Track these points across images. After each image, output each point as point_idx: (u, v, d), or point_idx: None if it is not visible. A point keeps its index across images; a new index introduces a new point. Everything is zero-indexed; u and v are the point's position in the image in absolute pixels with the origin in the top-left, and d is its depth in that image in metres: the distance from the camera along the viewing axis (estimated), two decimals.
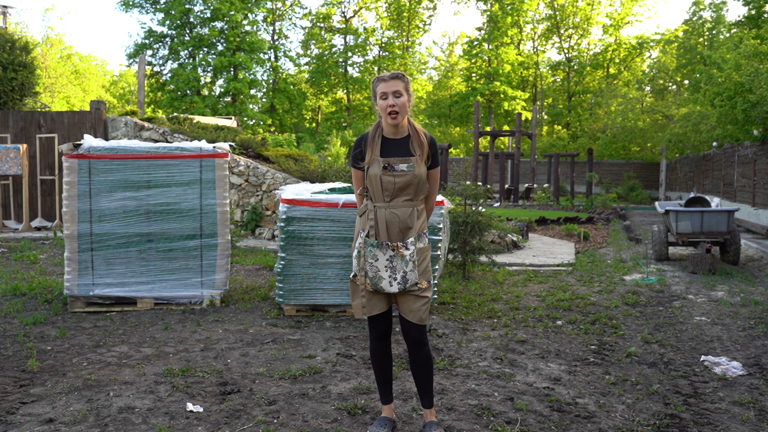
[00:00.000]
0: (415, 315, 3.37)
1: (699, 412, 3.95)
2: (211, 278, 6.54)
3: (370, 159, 3.35)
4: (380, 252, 3.33)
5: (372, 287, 3.36)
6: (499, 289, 7.74)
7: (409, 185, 3.33)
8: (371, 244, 3.34)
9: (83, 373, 4.39)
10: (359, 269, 3.39)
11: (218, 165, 6.52)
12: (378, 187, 3.34)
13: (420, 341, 3.41)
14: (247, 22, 37.80)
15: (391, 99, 3.28)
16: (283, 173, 11.89)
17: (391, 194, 3.34)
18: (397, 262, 3.32)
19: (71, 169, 6.23)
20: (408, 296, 3.37)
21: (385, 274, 3.33)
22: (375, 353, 3.54)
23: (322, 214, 6.07)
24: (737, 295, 7.63)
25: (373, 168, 3.34)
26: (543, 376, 4.54)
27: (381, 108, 3.33)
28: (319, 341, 5.30)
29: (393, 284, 3.32)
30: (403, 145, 3.38)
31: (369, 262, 3.34)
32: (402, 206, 3.35)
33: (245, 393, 4.07)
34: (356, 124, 40.69)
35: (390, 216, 3.33)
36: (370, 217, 3.38)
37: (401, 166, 3.32)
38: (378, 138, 3.40)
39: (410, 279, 3.32)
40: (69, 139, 13.47)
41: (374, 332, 3.50)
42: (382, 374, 3.56)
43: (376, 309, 3.41)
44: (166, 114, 20.79)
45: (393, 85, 3.29)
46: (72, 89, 38.44)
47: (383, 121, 3.39)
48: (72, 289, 6.26)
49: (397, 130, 3.38)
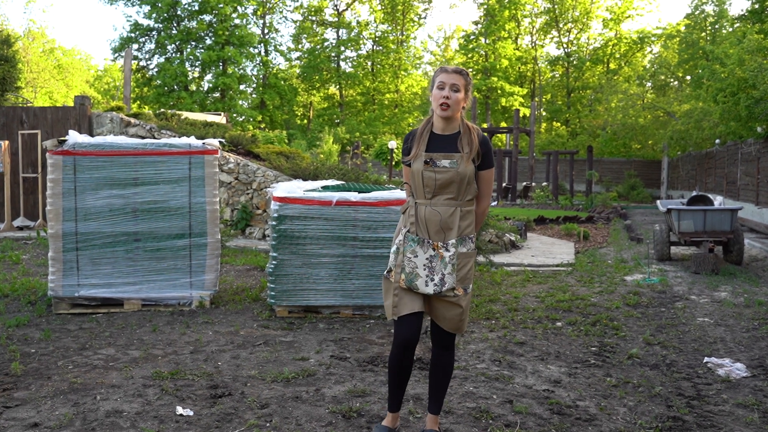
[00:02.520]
0: (448, 323, 3.31)
1: (702, 414, 3.98)
2: (200, 279, 6.54)
3: (416, 153, 3.30)
4: (420, 249, 3.26)
5: (407, 284, 3.26)
6: (497, 289, 7.76)
7: (451, 183, 3.24)
8: (412, 239, 3.28)
9: (69, 376, 4.38)
10: (395, 265, 3.31)
11: (208, 162, 6.52)
12: (419, 183, 3.28)
13: (447, 346, 3.39)
14: (236, 15, 37.76)
15: (447, 90, 3.22)
16: (274, 171, 11.89)
17: (432, 191, 3.27)
18: (436, 263, 3.24)
19: (55, 166, 6.21)
20: (442, 302, 3.28)
21: (423, 273, 3.25)
22: (395, 361, 3.34)
23: (315, 212, 6.08)
24: (741, 295, 7.68)
25: (416, 163, 3.29)
26: (543, 379, 4.56)
27: (434, 98, 3.26)
28: (313, 343, 5.31)
29: (429, 285, 3.24)
30: (451, 142, 3.30)
31: (407, 257, 3.27)
32: (444, 204, 3.26)
33: (237, 396, 4.07)
34: (349, 121, 40.74)
35: (430, 213, 3.26)
36: (410, 214, 3.32)
37: (443, 162, 3.24)
38: (426, 133, 3.34)
39: (448, 282, 3.23)
40: (52, 136, 13.41)
41: (399, 336, 3.29)
42: (399, 382, 3.40)
43: (406, 308, 3.26)
44: (152, 110, 20.74)
45: (454, 78, 3.24)
46: (55, 84, 38.31)
47: (434, 115, 3.33)
48: (56, 290, 6.24)
49: (447, 125, 3.31)
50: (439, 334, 3.37)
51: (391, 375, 3.41)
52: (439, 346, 3.40)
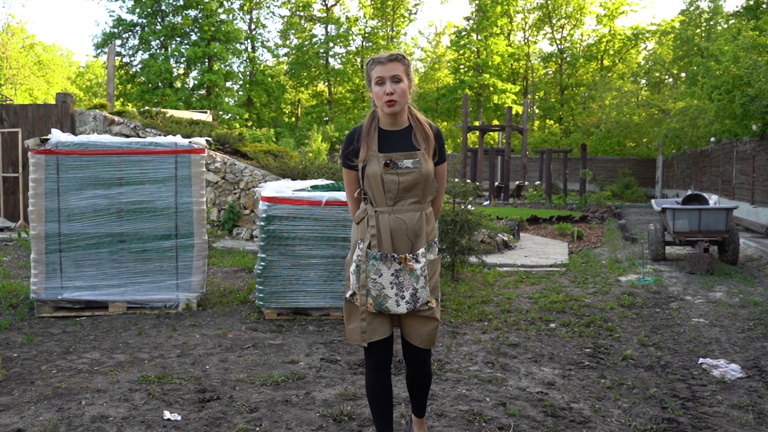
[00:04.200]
0: (423, 340, 3.07)
1: (697, 416, 4.03)
2: (187, 281, 6.53)
3: (367, 155, 2.99)
4: (384, 266, 2.96)
5: (375, 308, 2.99)
6: (490, 290, 7.80)
7: (416, 185, 2.98)
8: (374, 257, 2.97)
9: (53, 381, 4.37)
10: (359, 287, 3.00)
11: (194, 161, 6.52)
12: (379, 189, 2.98)
13: (424, 362, 3.16)
14: (222, 11, 37.70)
15: (389, 85, 2.92)
16: (262, 170, 11.89)
17: (395, 196, 2.98)
18: (404, 278, 2.96)
19: (38, 166, 6.19)
20: (415, 318, 3.04)
21: (391, 292, 2.96)
22: (373, 386, 3.14)
23: (305, 212, 6.09)
24: (736, 295, 7.76)
25: (371, 166, 2.97)
26: (536, 381, 4.60)
27: (376, 95, 2.96)
28: (302, 346, 5.32)
29: (401, 303, 2.96)
30: (404, 138, 3.02)
31: (371, 278, 2.97)
32: (409, 210, 2.99)
33: (225, 400, 4.08)
34: (338, 119, 40.73)
35: (395, 222, 2.98)
36: (370, 224, 3.00)
37: (406, 162, 2.96)
38: (374, 130, 3.03)
39: (421, 297, 2.97)
40: (34, 134, 13.35)
41: (373, 361, 3.11)
42: (382, 411, 3.15)
43: (377, 334, 3.02)
44: (136, 107, 20.67)
45: (391, 68, 2.93)
46: (35, 81, 38.08)
47: (379, 111, 3.03)
48: (39, 292, 6.23)
49: (395, 120, 3.03)
50: (414, 354, 3.12)
51: (372, 405, 3.18)
52: (414, 365, 3.16)
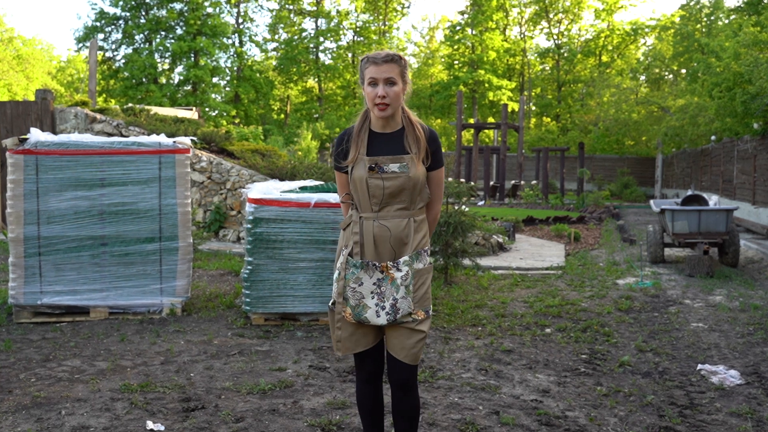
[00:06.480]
0: (407, 354, 2.94)
1: (695, 424, 4.06)
2: (171, 285, 6.53)
3: (354, 158, 2.93)
4: (365, 274, 2.92)
5: (355, 318, 2.94)
6: (484, 294, 7.83)
7: (402, 190, 2.91)
8: (354, 265, 2.93)
9: (31, 389, 4.37)
10: (338, 295, 2.96)
11: (179, 161, 6.51)
12: (364, 193, 2.92)
13: (408, 385, 3.00)
14: (209, 4, 37.57)
15: (382, 88, 2.86)
16: (249, 170, 11.88)
17: (380, 202, 2.92)
18: (385, 287, 2.90)
19: (16, 166, 6.18)
20: (399, 329, 2.95)
21: (371, 302, 2.91)
22: (363, 398, 3.12)
23: (293, 214, 6.09)
24: (736, 299, 7.81)
25: (357, 169, 2.92)
26: (531, 388, 4.62)
27: (368, 97, 2.90)
28: (290, 352, 5.33)
29: (381, 314, 2.90)
30: (395, 141, 2.97)
31: (351, 287, 2.93)
32: (394, 217, 2.93)
33: (210, 409, 4.08)
34: (328, 116, 40.66)
35: (379, 229, 2.92)
36: (354, 231, 2.96)
37: (391, 166, 2.90)
38: (364, 132, 2.98)
39: (402, 308, 2.90)
40: (12, 133, 13.28)
41: (361, 373, 3.10)
42: (372, 422, 3.13)
43: (360, 345, 3.00)
44: (120, 104, 20.61)
45: (386, 70, 2.86)
46: (14, 76, 37.85)
47: (371, 112, 2.98)
48: (17, 297, 6.21)
49: (387, 122, 2.97)
50: (399, 370, 2.98)
51: (363, 417, 3.16)
52: (399, 385, 3.01)
